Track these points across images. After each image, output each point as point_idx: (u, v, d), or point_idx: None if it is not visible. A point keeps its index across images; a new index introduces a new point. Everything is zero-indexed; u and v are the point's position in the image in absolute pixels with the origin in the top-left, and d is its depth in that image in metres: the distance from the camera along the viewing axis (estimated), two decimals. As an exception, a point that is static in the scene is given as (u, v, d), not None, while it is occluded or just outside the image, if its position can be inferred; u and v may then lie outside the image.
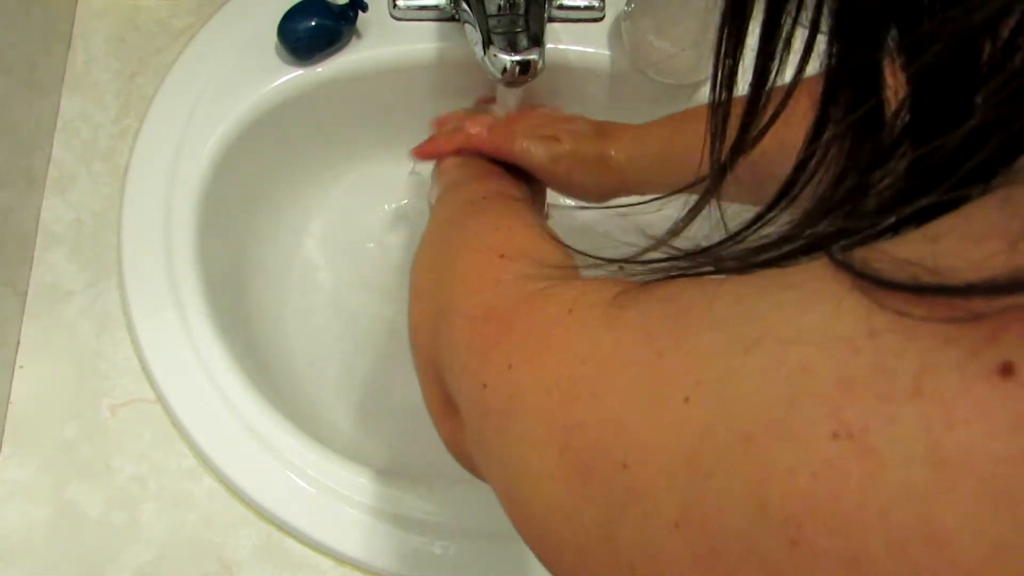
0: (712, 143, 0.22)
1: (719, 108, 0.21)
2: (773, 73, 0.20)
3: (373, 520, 0.48)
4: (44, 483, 0.49)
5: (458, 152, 0.53)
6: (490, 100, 0.61)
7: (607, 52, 0.62)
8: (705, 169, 0.23)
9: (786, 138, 0.20)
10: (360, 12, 0.58)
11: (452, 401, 0.31)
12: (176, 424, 0.50)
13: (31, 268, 0.54)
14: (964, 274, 0.13)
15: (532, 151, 0.51)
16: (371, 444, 0.62)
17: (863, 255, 0.15)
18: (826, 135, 0.19)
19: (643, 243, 0.24)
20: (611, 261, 0.24)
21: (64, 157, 0.57)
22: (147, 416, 0.51)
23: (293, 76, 0.59)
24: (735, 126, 0.21)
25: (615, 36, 0.62)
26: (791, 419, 0.15)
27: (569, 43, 0.62)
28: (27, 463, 0.49)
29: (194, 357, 0.51)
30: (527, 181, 0.53)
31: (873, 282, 0.15)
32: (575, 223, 0.63)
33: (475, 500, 0.50)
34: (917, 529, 0.13)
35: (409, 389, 0.66)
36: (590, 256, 0.26)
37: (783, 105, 0.20)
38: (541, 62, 0.50)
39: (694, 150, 0.23)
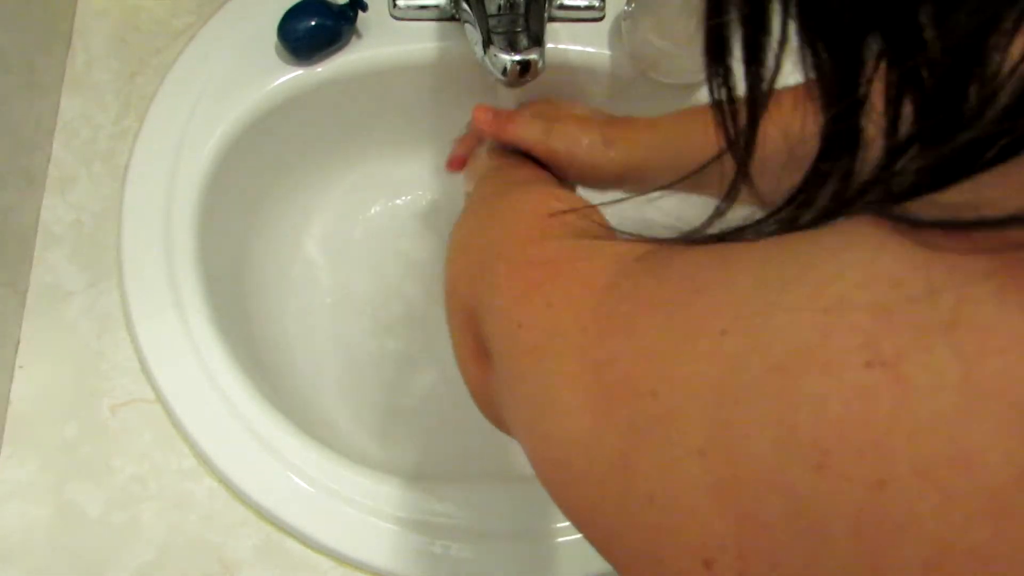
0: (724, 129, 0.22)
1: (722, 105, 0.21)
2: (766, 79, 0.20)
3: (373, 520, 0.48)
4: (44, 483, 0.49)
5: (473, 144, 0.55)
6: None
7: (607, 52, 0.62)
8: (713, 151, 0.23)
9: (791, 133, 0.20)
10: (360, 12, 0.58)
11: (483, 348, 0.31)
12: (176, 424, 0.50)
13: (31, 268, 0.54)
14: (1005, 207, 0.14)
15: (530, 130, 0.51)
16: (371, 444, 0.62)
17: (905, 204, 0.16)
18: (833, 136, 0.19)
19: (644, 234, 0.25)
20: (651, 241, 0.24)
21: (64, 157, 0.57)
22: (147, 416, 0.51)
23: (293, 76, 0.59)
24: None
25: (615, 36, 0.62)
26: (825, 349, 0.15)
27: (569, 43, 0.62)
28: (27, 463, 0.49)
29: (194, 357, 0.51)
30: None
31: (913, 224, 0.15)
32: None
33: (476, 500, 0.50)
34: (945, 453, 0.13)
35: (409, 389, 0.66)
36: (631, 235, 0.26)
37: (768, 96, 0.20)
38: (541, 62, 0.50)
39: (699, 135, 0.23)
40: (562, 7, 0.61)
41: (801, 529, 0.15)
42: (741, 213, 0.22)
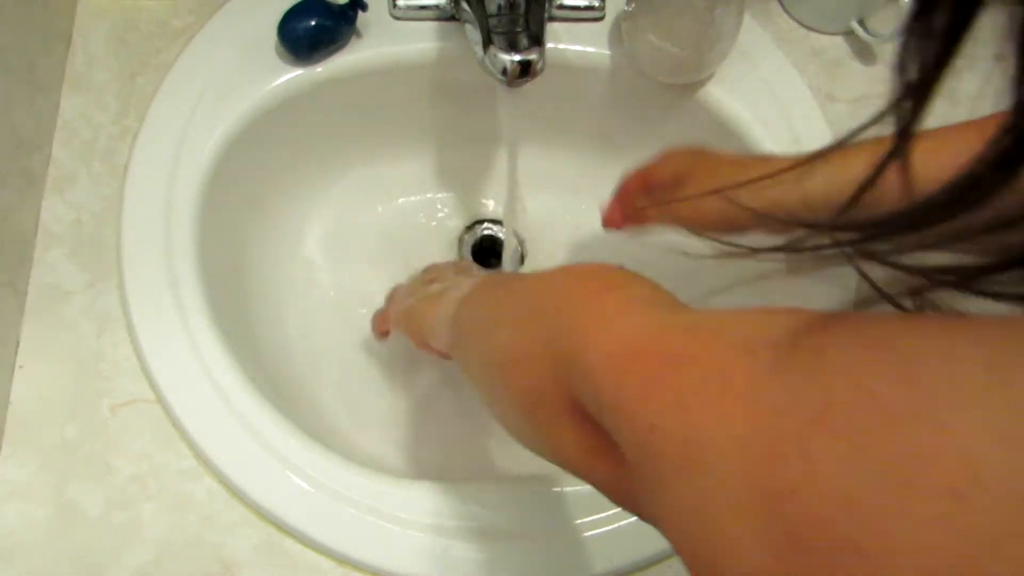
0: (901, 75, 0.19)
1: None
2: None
3: (373, 520, 0.48)
4: (44, 483, 0.49)
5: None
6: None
7: (607, 52, 0.62)
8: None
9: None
10: (360, 12, 0.58)
11: (607, 442, 0.27)
12: (176, 424, 0.50)
13: (31, 268, 0.54)
14: None
15: (683, 202, 0.44)
16: (371, 444, 0.62)
17: None
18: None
19: (713, 252, 0.22)
20: (773, 250, 0.21)
21: (64, 157, 0.57)
22: (147, 416, 0.51)
23: (293, 76, 0.59)
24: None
25: (615, 36, 0.62)
26: None
27: (569, 43, 0.62)
28: (27, 463, 0.49)
29: (194, 357, 0.51)
30: None
31: None
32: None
33: (476, 500, 0.50)
34: None
35: (410, 389, 0.66)
36: (743, 247, 0.23)
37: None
38: (541, 62, 0.50)
39: (860, 165, 0.20)
40: (562, 7, 0.61)
41: None
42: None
